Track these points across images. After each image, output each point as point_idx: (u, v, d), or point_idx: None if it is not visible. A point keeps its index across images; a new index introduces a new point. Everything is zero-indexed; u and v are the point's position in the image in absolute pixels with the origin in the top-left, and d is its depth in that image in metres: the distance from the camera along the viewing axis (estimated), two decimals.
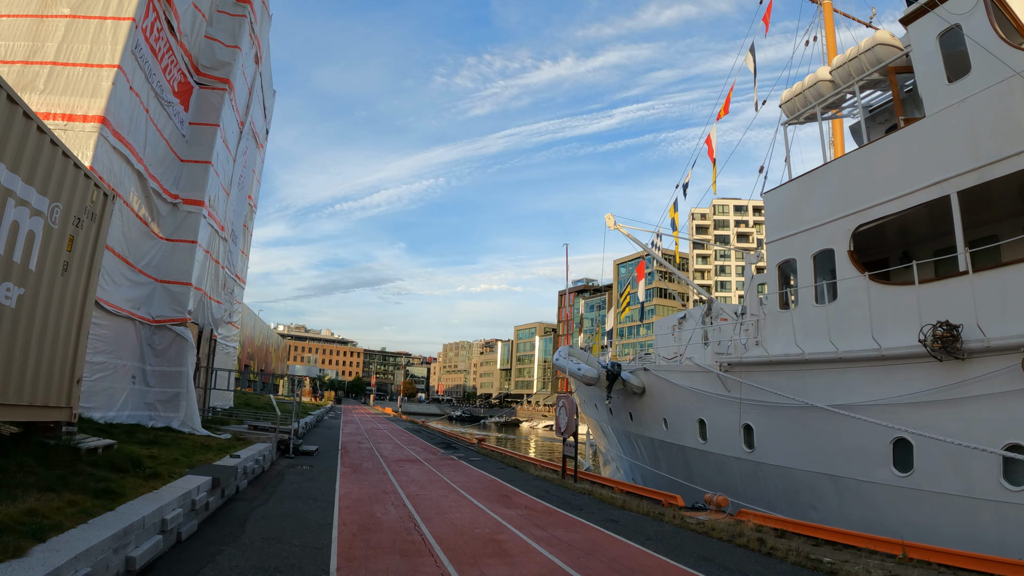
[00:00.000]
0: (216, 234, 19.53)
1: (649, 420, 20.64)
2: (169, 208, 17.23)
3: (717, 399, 16.87)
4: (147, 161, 15.72)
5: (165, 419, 15.66)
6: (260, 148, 30.17)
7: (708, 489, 18.09)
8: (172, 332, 16.24)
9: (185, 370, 16.02)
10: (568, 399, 16.39)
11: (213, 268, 19.59)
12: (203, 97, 18.89)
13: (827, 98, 16.36)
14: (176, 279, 16.78)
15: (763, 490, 15.66)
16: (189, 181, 17.83)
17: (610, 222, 23.77)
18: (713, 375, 16.79)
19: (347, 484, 12.93)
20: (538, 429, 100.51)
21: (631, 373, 20.75)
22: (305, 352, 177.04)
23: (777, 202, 16.22)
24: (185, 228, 17.37)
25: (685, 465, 18.90)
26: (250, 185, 28.24)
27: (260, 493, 10.96)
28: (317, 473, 14.36)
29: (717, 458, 17.15)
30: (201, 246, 17.89)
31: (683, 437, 18.61)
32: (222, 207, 20.02)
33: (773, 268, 15.92)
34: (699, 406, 17.70)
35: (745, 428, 15.99)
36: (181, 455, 10.77)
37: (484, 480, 14.99)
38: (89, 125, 13.35)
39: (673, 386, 18.80)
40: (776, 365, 14.86)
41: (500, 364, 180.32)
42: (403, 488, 12.84)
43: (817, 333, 14.11)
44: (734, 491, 16.68)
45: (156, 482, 8.00)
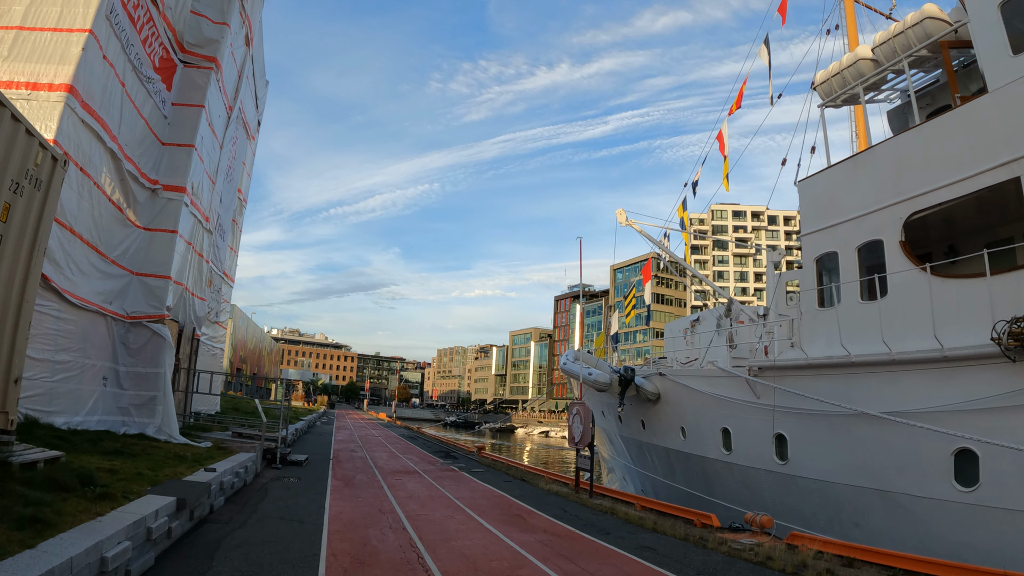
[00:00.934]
0: (200, 225, 18.05)
1: (664, 429, 19.20)
2: (147, 194, 15.75)
3: (745, 406, 15.45)
4: (123, 141, 14.27)
5: (139, 425, 14.15)
6: (251, 140, 28.71)
7: (731, 504, 16.67)
8: (148, 330, 14.74)
9: (162, 371, 14.51)
10: (584, 406, 14.95)
11: (196, 262, 18.10)
12: (187, 76, 17.43)
13: (869, 77, 15.02)
14: (154, 271, 15.29)
15: (797, 505, 14.24)
16: (170, 165, 16.36)
17: (621, 217, 22.41)
18: (741, 380, 15.38)
19: (338, 501, 11.45)
20: (534, 435, 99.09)
21: (645, 378, 19.33)
22: (299, 356, 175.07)
23: (814, 191, 14.83)
24: (165, 216, 15.88)
25: (705, 478, 17.46)
26: (240, 178, 26.77)
27: (238, 513, 9.47)
28: (305, 487, 12.90)
29: (743, 470, 15.72)
30: (182, 237, 16.41)
31: (704, 447, 17.17)
32: (207, 196, 18.54)
33: (810, 263, 14.53)
34: (723, 414, 16.28)
35: (777, 438, 14.58)
36: (148, 468, 9.27)
37: (491, 496, 13.53)
38: (55, 94, 11.90)
39: (693, 392, 17.38)
40: (816, 369, 13.46)
41: (495, 370, 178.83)
42: (401, 506, 11.36)
43: (864, 333, 12.73)
44: (762, 506, 15.26)
45: (105, 505, 6.51)
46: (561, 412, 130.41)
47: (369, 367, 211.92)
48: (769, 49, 23.71)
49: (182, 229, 16.23)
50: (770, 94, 23.90)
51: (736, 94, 23.49)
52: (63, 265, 11.92)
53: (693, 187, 25.18)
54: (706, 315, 24.23)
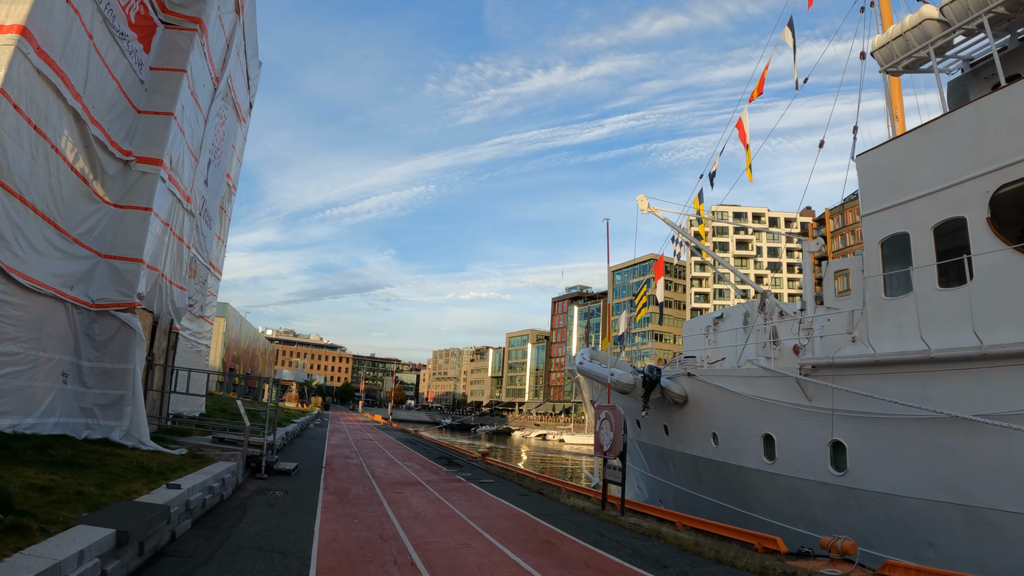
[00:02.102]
0: (180, 205, 16.20)
1: (692, 435, 17.43)
2: (119, 166, 13.91)
3: (793, 410, 13.70)
4: (89, 102, 12.44)
5: (104, 429, 12.31)
6: (242, 123, 26.86)
7: (772, 519, 14.90)
8: (116, 320, 12.89)
9: (131, 368, 12.66)
10: (615, 410, 13.13)
11: (175, 246, 16.25)
12: (168, 39, 15.59)
13: (936, 39, 13.31)
14: (123, 254, 13.44)
15: (855, 522, 12.50)
16: (145, 135, 14.52)
17: (643, 204, 20.67)
18: (789, 381, 13.63)
19: (331, 523, 9.62)
20: (531, 439, 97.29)
21: (670, 379, 17.56)
22: (293, 357, 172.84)
23: (877, 166, 13.08)
24: (138, 192, 14.04)
25: (740, 489, 15.70)
26: (229, 162, 24.92)
27: (206, 541, 7.64)
28: (292, 503, 11.07)
29: (789, 482, 13.97)
30: (158, 216, 14.57)
31: (740, 456, 15.41)
32: (188, 173, 16.69)
33: (873, 246, 12.77)
34: (765, 419, 14.53)
35: (834, 446, 12.84)
36: (96, 484, 7.44)
37: (509, 514, 11.71)
38: (4, 36, 10.07)
39: (729, 395, 15.61)
40: (885, 366, 11.71)
41: (491, 372, 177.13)
42: (407, 530, 9.53)
43: (943, 324, 11.01)
44: (811, 522, 13.54)
45: (11, 541, 4.70)
46: (558, 415, 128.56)
47: (364, 368, 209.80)
48: (794, 32, 22.17)
49: (158, 207, 14.40)
50: (795, 79, 22.43)
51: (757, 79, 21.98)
52: (9, 239, 10.08)
53: (711, 178, 23.63)
54: (730, 312, 22.52)
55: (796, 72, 22.25)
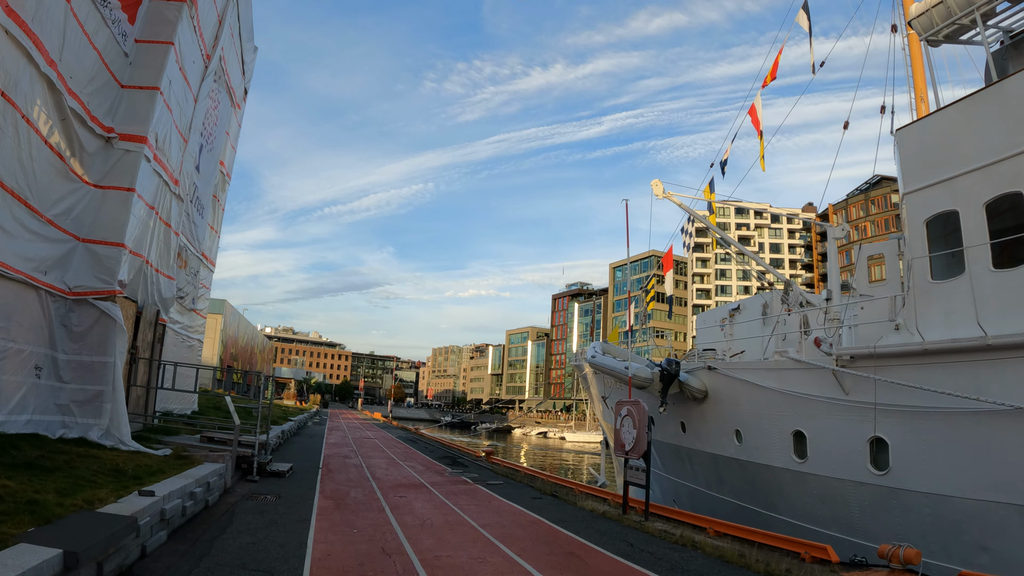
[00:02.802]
0: (167, 188, 15.16)
1: (712, 432, 16.45)
2: (100, 144, 12.89)
3: (828, 405, 12.71)
4: (66, 71, 11.41)
5: (82, 427, 11.30)
6: (236, 108, 25.79)
7: (801, 522, 13.93)
8: (95, 309, 11.86)
9: (111, 361, 11.64)
10: (638, 406, 12.12)
11: (162, 232, 15.21)
12: (155, 9, 14.54)
13: (981, 4, 12.33)
14: (104, 238, 12.42)
15: (898, 524, 11.53)
16: (129, 111, 13.49)
17: (657, 189, 19.68)
18: (824, 373, 12.65)
19: (326, 533, 8.63)
20: (531, 436, 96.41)
21: (689, 374, 16.57)
22: (292, 355, 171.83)
23: (920, 139, 12.07)
24: (120, 171, 13.01)
25: (766, 490, 14.72)
26: (222, 149, 23.86)
27: (182, 558, 6.63)
28: (285, 509, 10.08)
29: (823, 482, 12.99)
30: (142, 198, 13.55)
31: (767, 454, 14.43)
32: (176, 154, 15.65)
33: (917, 226, 11.77)
34: (796, 414, 13.54)
35: (874, 442, 11.87)
36: (56, 491, 6.44)
37: (524, 521, 10.71)
38: None
39: (755, 389, 14.63)
40: (934, 355, 10.72)
41: (491, 369, 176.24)
42: (412, 541, 8.52)
43: (1000, 308, 10.04)
44: (847, 524, 12.58)
45: None
46: (559, 412, 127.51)
47: (363, 366, 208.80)
48: (809, 14, 21.21)
49: (142, 188, 13.37)
50: (811, 61, 21.51)
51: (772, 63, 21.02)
52: None
53: (722, 166, 22.69)
54: (747, 304, 21.56)
55: (812, 55, 21.38)
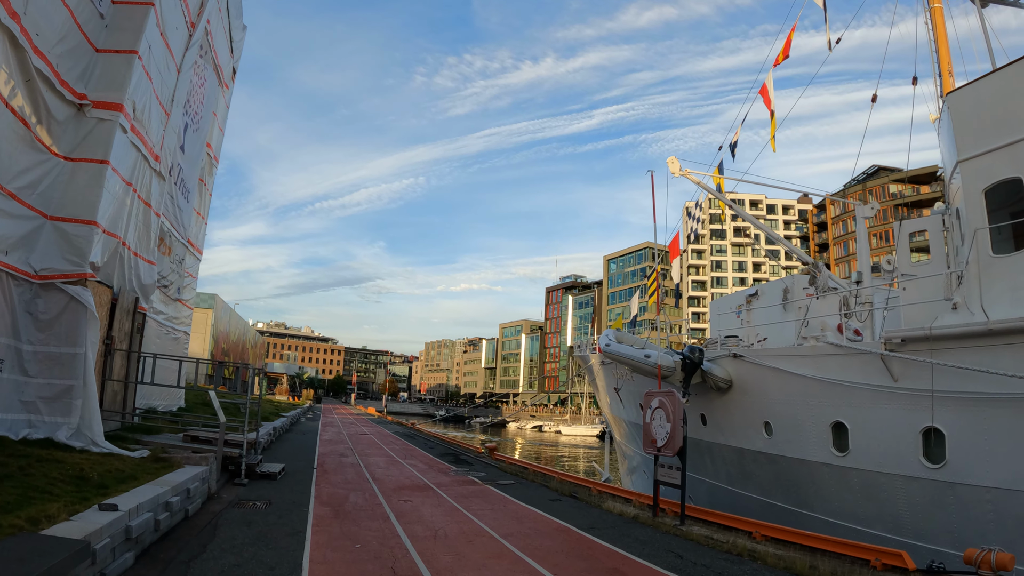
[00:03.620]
0: (146, 163, 13.84)
1: (737, 424, 15.36)
2: (70, 112, 11.58)
3: (874, 393, 11.64)
4: (32, 27, 10.08)
5: (50, 426, 10.04)
6: (224, 88, 24.38)
7: (840, 520, 12.88)
8: (64, 294, 10.59)
9: (81, 352, 10.38)
10: (671, 396, 10.97)
11: (141, 211, 13.90)
12: None
13: None
14: (74, 215, 11.13)
15: (955, 522, 10.52)
16: (104, 76, 12.18)
17: (674, 167, 18.54)
18: (869, 359, 11.57)
19: (323, 550, 7.44)
20: (526, 430, 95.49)
21: (712, 362, 15.48)
22: (285, 350, 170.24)
23: (977, 103, 10.95)
24: (93, 142, 11.71)
25: (799, 486, 13.66)
26: (209, 130, 22.47)
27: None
28: (275, 519, 8.90)
29: (867, 477, 11.93)
30: (118, 173, 12.25)
31: (801, 447, 13.36)
32: (156, 128, 14.34)
33: (975, 196, 10.67)
34: (836, 404, 12.47)
35: (927, 433, 10.81)
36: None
37: (547, 528, 9.56)
38: None
39: (787, 378, 13.54)
40: (1001, 336, 9.64)
41: (485, 363, 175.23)
42: (426, 558, 7.33)
43: None
44: (894, 523, 11.54)
45: None
46: (554, 406, 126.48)
47: (356, 361, 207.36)
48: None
49: (117, 162, 12.07)
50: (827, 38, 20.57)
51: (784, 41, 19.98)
52: None
53: (731, 149, 21.63)
54: (765, 289, 20.49)
55: (828, 32, 20.40)
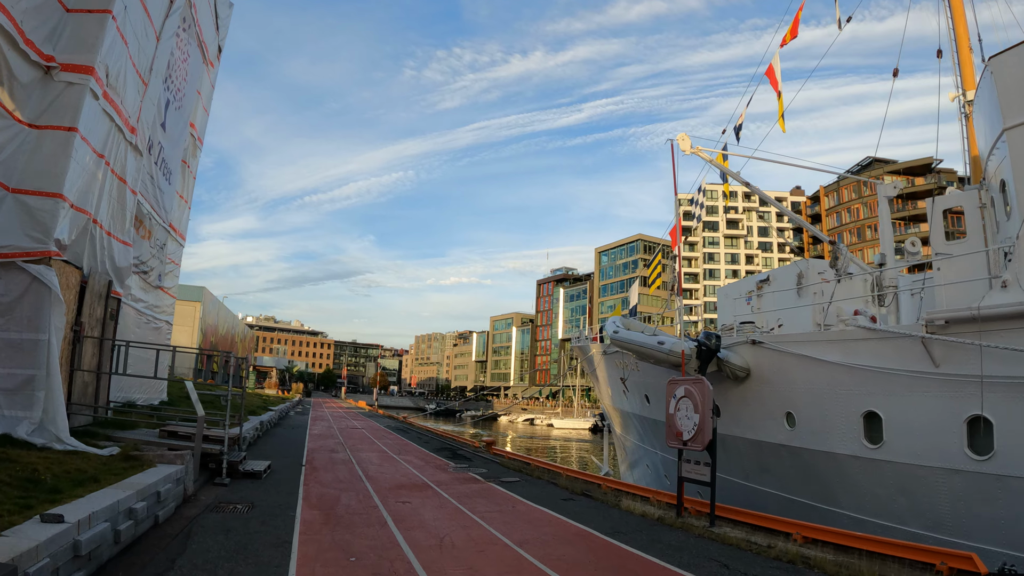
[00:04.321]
0: (120, 135, 12.72)
1: (755, 415, 14.49)
2: (36, 75, 10.48)
3: (912, 380, 10.80)
4: None
5: (8, 421, 8.98)
6: (209, 66, 23.18)
7: (871, 516, 12.06)
8: (26, 274, 9.51)
9: (44, 339, 9.31)
10: (700, 385, 10.04)
11: (115, 187, 12.78)
12: None
13: None
14: (38, 188, 10.04)
15: (1004, 518, 9.73)
16: (74, 37, 11.06)
17: (684, 144, 17.64)
18: (907, 343, 10.72)
19: (313, 565, 6.47)
20: (518, 423, 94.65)
21: (728, 349, 14.61)
22: (274, 343, 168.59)
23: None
24: (60, 108, 10.61)
25: (825, 480, 12.83)
26: (193, 110, 21.32)
27: None
28: (258, 527, 7.89)
29: (903, 470, 11.11)
30: (88, 143, 11.14)
31: (828, 439, 12.51)
32: (133, 97, 13.21)
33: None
34: (869, 392, 11.62)
35: (974, 422, 9.98)
36: None
37: (566, 532, 8.64)
38: None
39: (813, 365, 12.69)
40: None
41: (475, 356, 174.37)
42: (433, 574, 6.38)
43: None
44: (933, 519, 10.75)
45: None
46: (545, 399, 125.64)
47: (346, 354, 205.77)
48: None
49: (88, 130, 10.98)
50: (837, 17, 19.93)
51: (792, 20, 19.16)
52: None
53: (736, 132, 20.83)
54: (777, 274, 19.62)
55: (838, 10, 19.70)
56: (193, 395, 10.55)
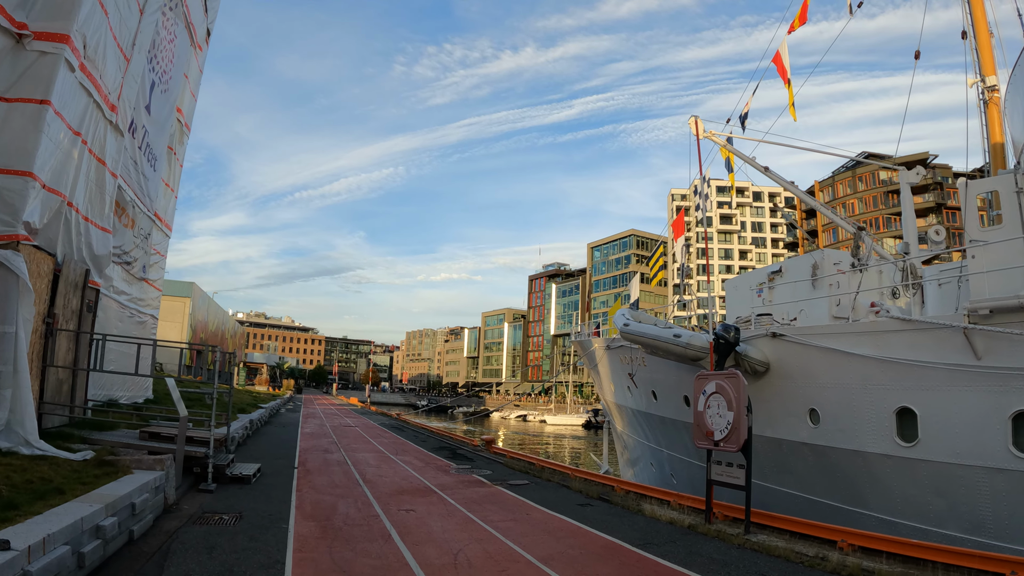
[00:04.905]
0: (100, 113, 11.79)
1: (775, 412, 13.77)
2: (8, 44, 9.56)
3: (952, 373, 10.11)
4: None
5: None
6: (198, 50, 22.18)
7: (902, 519, 11.40)
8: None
9: (11, 331, 8.41)
10: (734, 379, 9.27)
11: (93, 168, 11.85)
12: None
13: None
14: (5, 165, 9.13)
15: None
16: (48, 4, 10.09)
17: (696, 127, 16.86)
18: (947, 334, 10.03)
19: None
20: (510, 420, 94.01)
21: (746, 343, 13.89)
22: (265, 340, 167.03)
23: None
24: (32, 79, 9.69)
25: (852, 480, 12.14)
26: (180, 94, 20.33)
27: None
28: (246, 543, 7.04)
29: (940, 469, 10.43)
30: (63, 118, 10.23)
31: (856, 437, 11.82)
32: (114, 73, 12.28)
33: None
34: (903, 387, 10.93)
35: (1020, 418, 9.31)
36: None
37: (592, 545, 7.86)
38: None
39: (840, 358, 11.98)
40: None
41: (467, 352, 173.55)
42: None
43: None
44: (973, 522, 10.09)
45: None
46: (538, 395, 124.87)
47: (337, 351, 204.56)
48: None
49: (62, 104, 10.07)
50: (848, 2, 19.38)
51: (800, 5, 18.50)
52: None
53: (742, 121, 20.13)
54: (789, 265, 18.93)
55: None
56: (175, 393, 9.68)
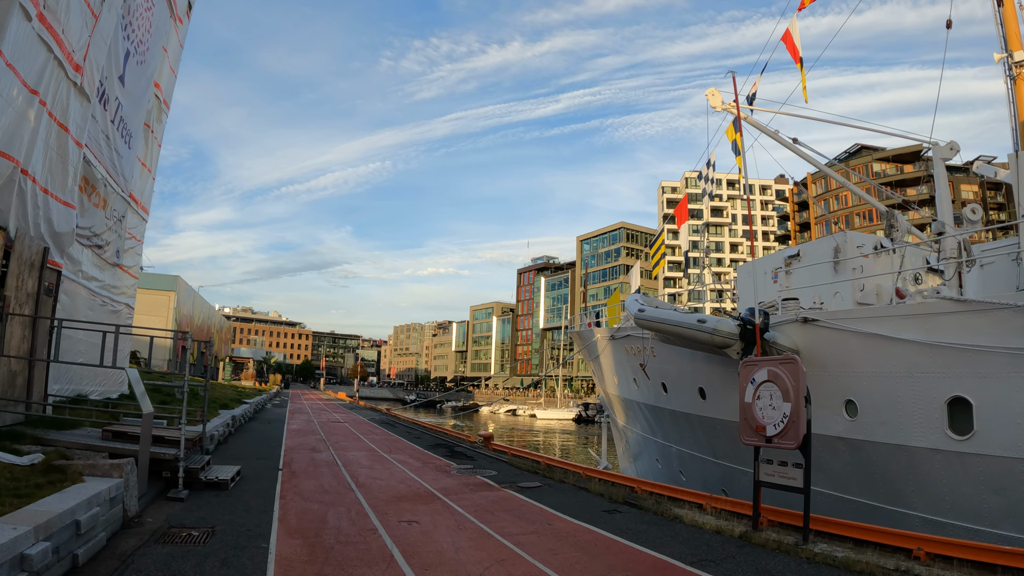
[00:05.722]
0: (62, 72, 10.47)
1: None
2: None
3: (1014, 359, 9.13)
4: None
5: None
6: (178, 22, 20.80)
7: (953, 519, 10.44)
8: None
9: None
10: (792, 366, 8.15)
11: (54, 134, 10.54)
12: None
13: None
14: None
15: None
16: None
17: (715, 100, 15.90)
18: (1007, 315, 9.04)
19: None
20: (500, 414, 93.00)
21: (774, 329, 12.87)
22: (252, 335, 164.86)
23: None
24: None
25: (892, 478, 11.16)
26: (158, 68, 18.94)
27: None
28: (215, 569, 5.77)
29: (999, 464, 9.47)
30: (16, 72, 8.94)
31: (900, 431, 10.83)
32: (79, 30, 10.96)
33: None
34: (956, 374, 9.94)
35: None
36: None
37: (637, 565, 6.71)
38: None
39: (883, 344, 10.96)
40: None
41: (455, 346, 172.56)
42: None
43: None
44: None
45: None
46: (527, 389, 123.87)
47: (324, 345, 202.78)
48: None
49: (16, 57, 8.78)
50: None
51: None
52: None
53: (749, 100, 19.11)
54: (809, 248, 17.99)
55: None
56: (138, 388, 8.48)
